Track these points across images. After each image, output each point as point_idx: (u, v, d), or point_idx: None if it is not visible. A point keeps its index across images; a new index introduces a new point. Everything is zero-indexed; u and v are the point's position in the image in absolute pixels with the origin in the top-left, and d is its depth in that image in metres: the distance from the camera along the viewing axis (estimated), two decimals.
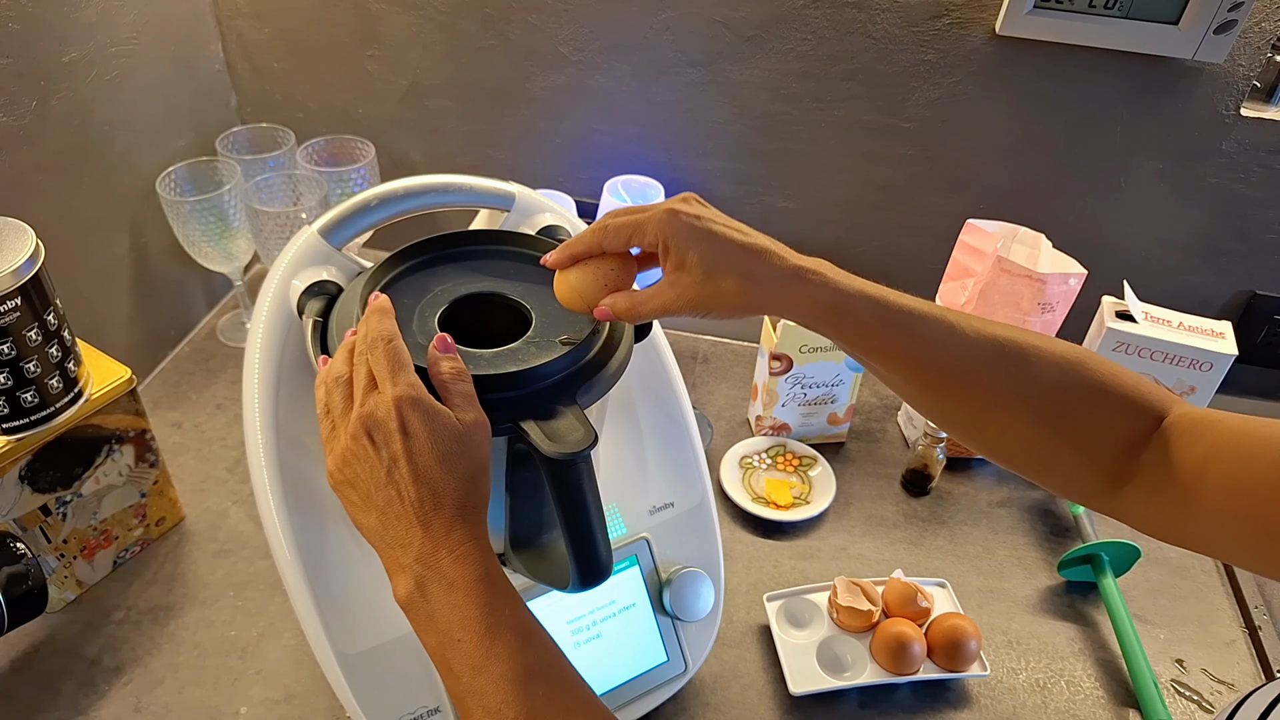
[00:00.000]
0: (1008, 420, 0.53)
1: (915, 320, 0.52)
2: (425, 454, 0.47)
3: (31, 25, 0.83)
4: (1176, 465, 0.48)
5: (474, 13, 1.04)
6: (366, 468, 0.48)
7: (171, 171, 0.98)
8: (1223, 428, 0.48)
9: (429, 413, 0.48)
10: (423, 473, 0.47)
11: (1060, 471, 0.55)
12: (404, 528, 0.47)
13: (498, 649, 0.44)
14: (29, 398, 0.71)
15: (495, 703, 0.43)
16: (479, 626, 0.45)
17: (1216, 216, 1.02)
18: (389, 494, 0.47)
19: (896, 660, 0.77)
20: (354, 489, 0.49)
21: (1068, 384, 0.52)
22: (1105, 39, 0.91)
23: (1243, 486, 0.45)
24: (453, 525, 0.47)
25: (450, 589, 0.46)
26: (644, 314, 0.54)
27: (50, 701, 0.74)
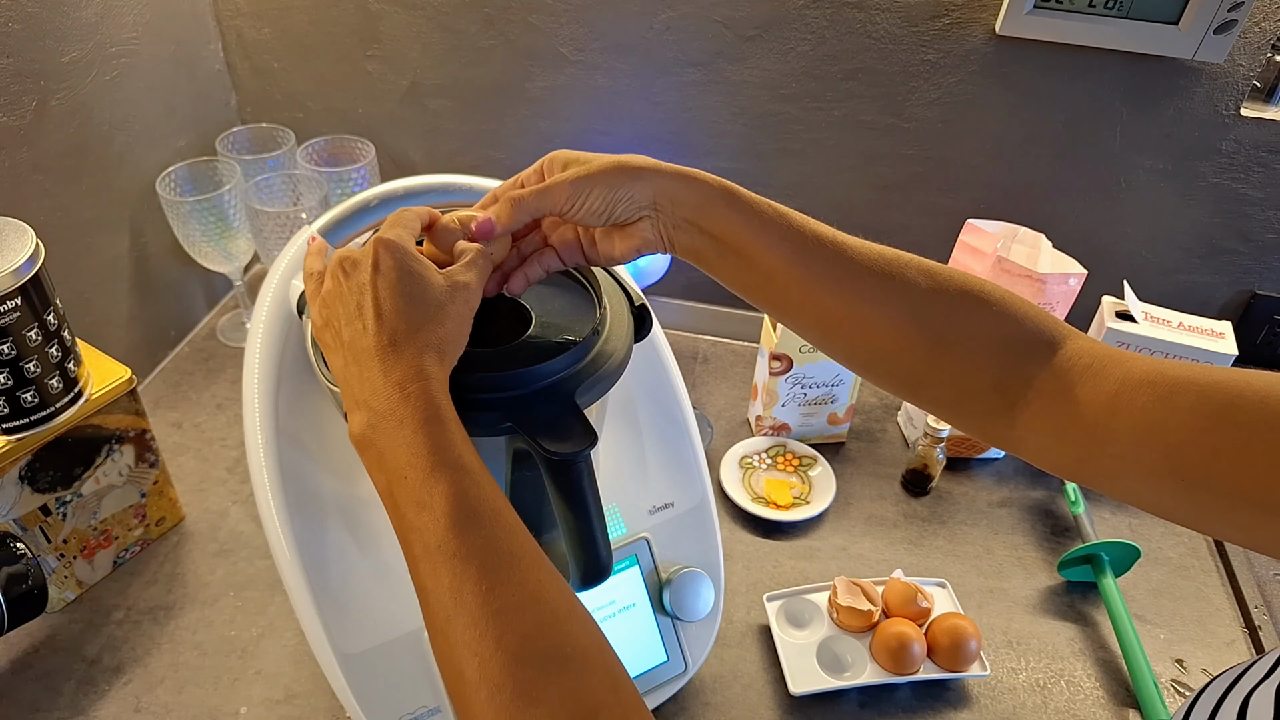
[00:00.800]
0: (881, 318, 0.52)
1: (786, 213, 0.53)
2: (391, 290, 0.47)
3: (31, 25, 0.83)
4: (1083, 400, 0.47)
5: (474, 13, 1.04)
6: (339, 305, 0.49)
7: (171, 171, 0.98)
8: (1132, 365, 0.46)
9: (405, 256, 0.48)
10: (385, 308, 0.47)
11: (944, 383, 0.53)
12: (363, 363, 0.47)
13: (441, 487, 0.43)
14: (29, 398, 0.71)
15: (434, 540, 0.42)
16: (425, 464, 0.44)
17: (1216, 216, 1.02)
18: (355, 329, 0.48)
19: (896, 660, 0.77)
20: (329, 329, 0.49)
21: (943, 286, 0.51)
22: (1105, 39, 0.91)
23: (1159, 426, 0.44)
24: (409, 364, 0.46)
25: (400, 426, 0.45)
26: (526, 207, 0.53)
27: (50, 701, 0.74)
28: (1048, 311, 0.52)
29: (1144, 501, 0.47)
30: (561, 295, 0.60)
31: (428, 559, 0.42)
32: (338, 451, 0.64)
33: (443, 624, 0.41)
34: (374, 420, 0.46)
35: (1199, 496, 0.43)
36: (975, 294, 0.51)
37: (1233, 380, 0.42)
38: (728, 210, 0.53)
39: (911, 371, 0.53)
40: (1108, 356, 0.48)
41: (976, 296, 0.51)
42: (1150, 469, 0.44)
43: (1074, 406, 0.47)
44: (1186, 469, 0.43)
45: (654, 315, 0.63)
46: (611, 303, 0.60)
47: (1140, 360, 0.47)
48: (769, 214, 0.53)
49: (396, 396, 0.45)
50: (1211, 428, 0.42)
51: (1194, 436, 0.42)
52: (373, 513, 0.64)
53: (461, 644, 0.40)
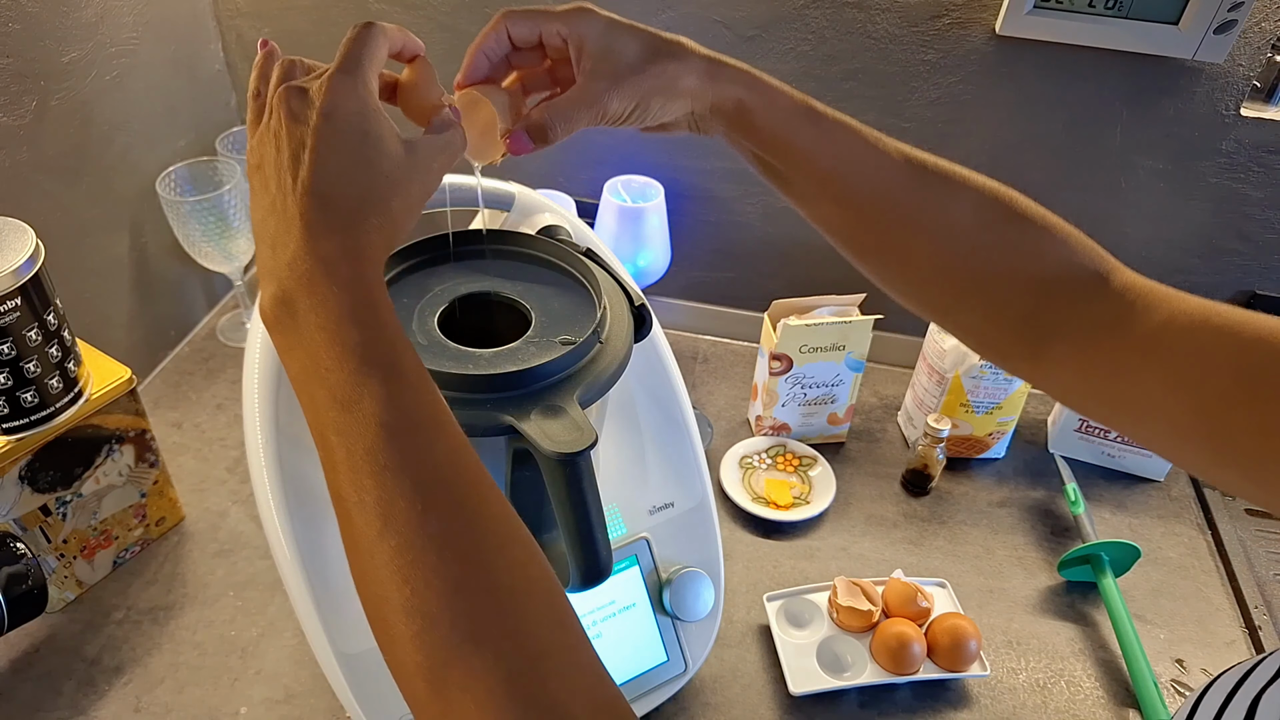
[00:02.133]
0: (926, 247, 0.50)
1: (833, 124, 0.50)
2: (338, 145, 0.40)
3: (31, 25, 0.83)
4: (1127, 332, 0.45)
5: (474, 13, 1.04)
6: (273, 147, 0.41)
7: (171, 171, 0.98)
8: (1188, 302, 0.45)
9: (363, 108, 0.41)
10: (328, 164, 0.39)
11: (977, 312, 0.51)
12: (285, 223, 0.39)
13: (372, 386, 0.37)
14: (29, 398, 0.71)
15: (360, 446, 0.37)
16: (354, 358, 0.37)
17: (1216, 216, 1.02)
18: (284, 180, 0.40)
19: (896, 660, 0.77)
20: (259, 173, 0.42)
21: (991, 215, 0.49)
22: (1105, 39, 0.91)
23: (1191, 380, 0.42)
24: (342, 238, 0.39)
25: (321, 306, 0.38)
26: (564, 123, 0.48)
27: (50, 701, 0.74)
28: (1096, 246, 0.50)
29: (1168, 452, 0.45)
30: (561, 295, 0.60)
31: (351, 467, 0.37)
32: None
33: (368, 544, 0.36)
34: (289, 296, 0.39)
35: (1226, 454, 0.42)
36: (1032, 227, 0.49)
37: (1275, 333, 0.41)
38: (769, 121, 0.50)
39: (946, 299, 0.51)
40: (1160, 291, 0.46)
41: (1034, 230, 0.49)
42: (1180, 420, 0.43)
43: (1115, 341, 0.46)
44: (1216, 424, 0.41)
45: (654, 315, 0.63)
46: (611, 303, 0.60)
47: (1193, 300, 0.45)
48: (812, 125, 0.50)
49: (320, 272, 0.38)
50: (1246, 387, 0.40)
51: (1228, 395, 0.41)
52: None
53: (390, 569, 0.35)
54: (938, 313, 0.53)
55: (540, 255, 0.63)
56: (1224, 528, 0.96)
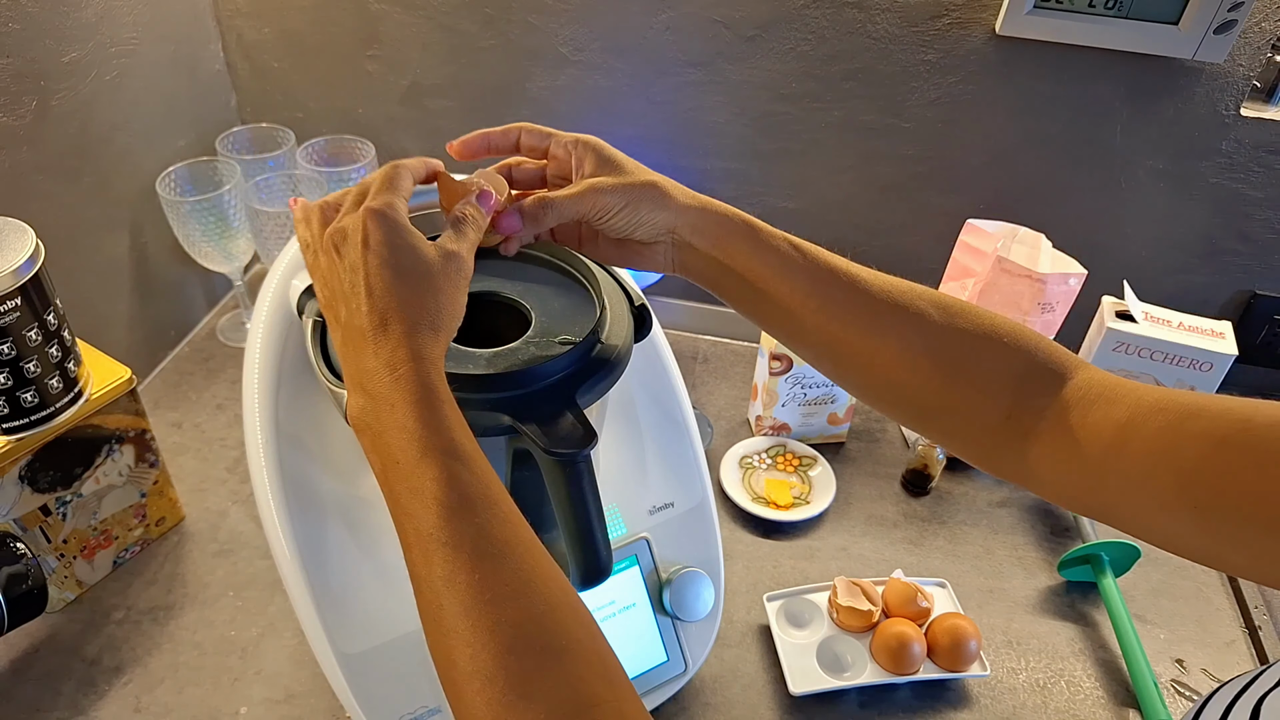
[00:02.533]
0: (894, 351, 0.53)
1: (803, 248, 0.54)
2: (380, 266, 0.46)
3: (31, 25, 0.83)
4: (1094, 429, 0.47)
5: (474, 13, 1.04)
6: (335, 281, 0.48)
7: (171, 171, 0.98)
8: (1143, 393, 0.47)
9: (394, 227, 0.47)
10: (376, 286, 0.46)
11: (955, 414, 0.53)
12: (358, 344, 0.46)
13: (432, 472, 0.42)
14: (29, 398, 0.71)
15: (426, 527, 0.41)
16: (416, 448, 0.43)
17: (1216, 216, 1.02)
18: (351, 308, 0.47)
19: (896, 660, 0.77)
20: (330, 309, 0.49)
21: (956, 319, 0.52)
22: (1105, 39, 0.91)
23: (1170, 452, 0.44)
24: (399, 344, 0.45)
25: (391, 409, 0.44)
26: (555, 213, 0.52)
27: (50, 701, 0.74)
28: (1055, 343, 0.52)
29: (1156, 533, 0.47)
30: (561, 295, 0.60)
31: (420, 546, 0.42)
32: (338, 451, 0.64)
33: (435, 612, 0.41)
34: (368, 403, 0.45)
35: (1211, 523, 0.43)
36: (986, 327, 0.52)
37: (1243, 407, 0.43)
38: (746, 245, 0.54)
39: (923, 403, 0.54)
40: (1119, 385, 0.48)
41: (987, 329, 0.52)
42: (1162, 496, 0.44)
43: (1085, 435, 0.48)
44: (1198, 494, 0.43)
45: (654, 315, 0.63)
46: (611, 303, 0.60)
47: (1150, 389, 0.47)
48: (785, 249, 0.54)
49: (388, 379, 0.44)
50: (1222, 452, 0.42)
51: (1205, 462, 0.42)
52: (373, 513, 0.64)
53: (453, 633, 0.39)
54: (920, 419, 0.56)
55: (540, 255, 0.63)
56: None
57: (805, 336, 0.55)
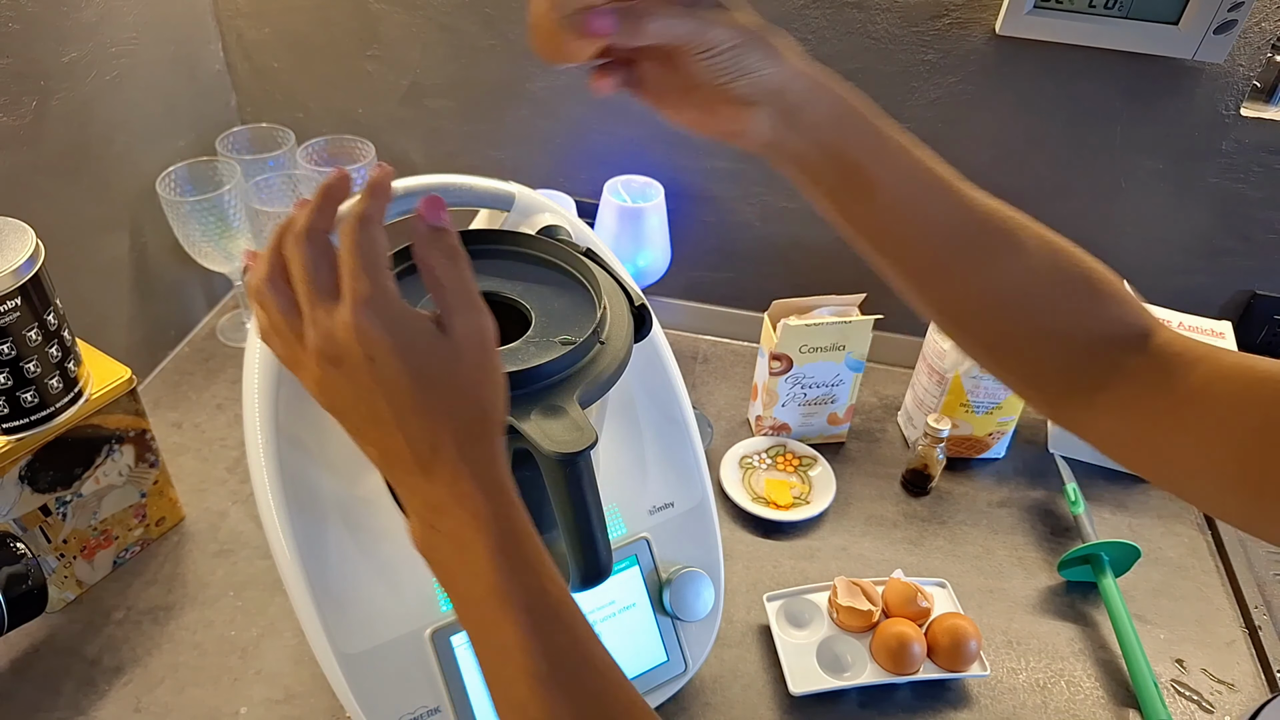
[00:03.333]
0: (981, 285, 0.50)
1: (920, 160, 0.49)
2: (400, 385, 0.38)
3: (31, 25, 0.83)
4: (1170, 387, 0.46)
5: (474, 13, 1.04)
6: (347, 399, 0.40)
7: (171, 171, 0.98)
8: (1224, 357, 0.46)
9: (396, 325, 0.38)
10: (403, 409, 0.39)
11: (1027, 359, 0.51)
12: (404, 472, 0.40)
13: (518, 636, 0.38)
14: (29, 398, 0.71)
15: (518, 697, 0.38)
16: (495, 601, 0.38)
17: (1216, 216, 1.02)
18: (380, 433, 0.40)
19: (896, 660, 0.76)
20: (344, 419, 0.42)
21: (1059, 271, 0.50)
22: (1105, 39, 0.91)
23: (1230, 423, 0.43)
24: (457, 471, 0.39)
25: (462, 550, 0.39)
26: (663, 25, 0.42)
27: (50, 701, 0.74)
28: (1140, 303, 0.51)
29: (1208, 503, 0.46)
30: (561, 295, 0.60)
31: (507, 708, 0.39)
32: (338, 451, 0.64)
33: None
34: (433, 534, 0.40)
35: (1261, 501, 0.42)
36: (1087, 281, 0.50)
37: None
38: (858, 134, 0.48)
39: (997, 340, 0.51)
40: (1199, 347, 0.47)
41: (1087, 284, 0.50)
42: (1217, 467, 0.44)
43: (1159, 395, 0.47)
44: (1251, 469, 0.42)
45: (654, 315, 0.63)
46: (611, 303, 0.60)
47: (1230, 354, 0.46)
48: (903, 149, 0.48)
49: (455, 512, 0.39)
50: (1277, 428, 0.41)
51: (1261, 436, 0.41)
52: (373, 513, 0.64)
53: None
54: (988, 354, 0.53)
55: (540, 255, 0.63)
56: (1224, 528, 0.96)
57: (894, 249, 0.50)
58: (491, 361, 0.42)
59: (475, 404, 0.41)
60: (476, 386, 0.41)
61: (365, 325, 0.38)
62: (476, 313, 0.41)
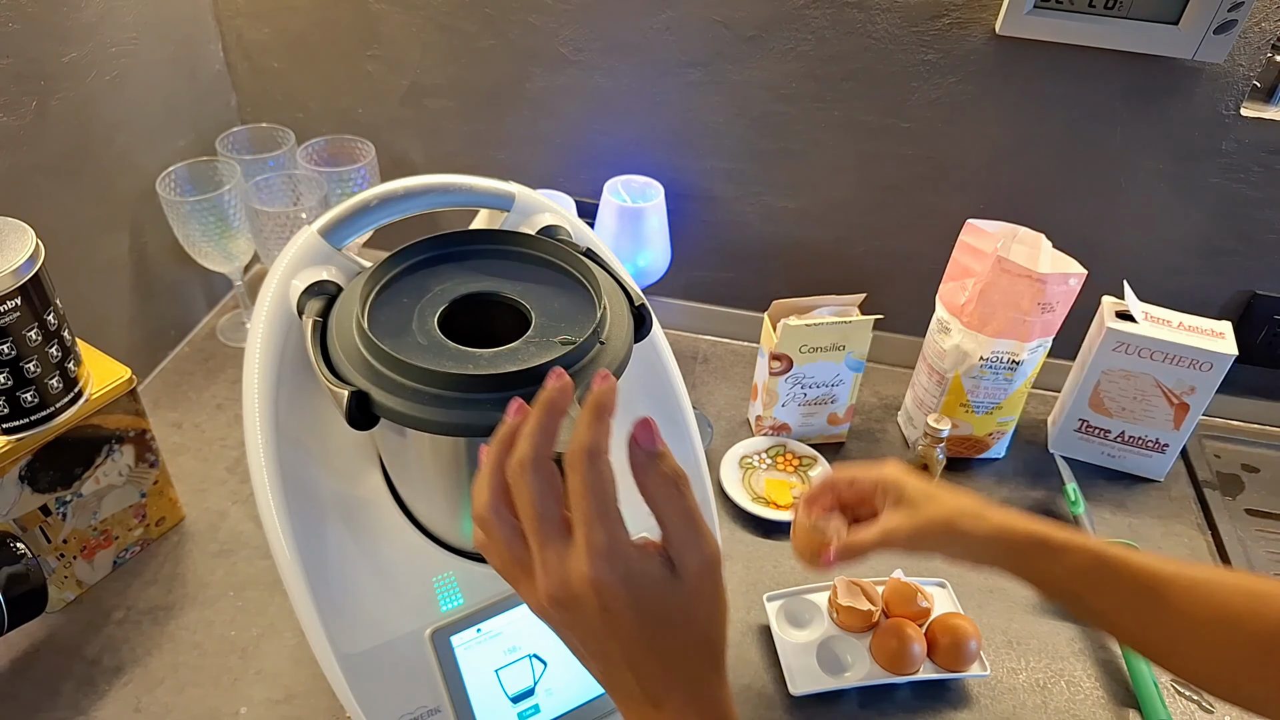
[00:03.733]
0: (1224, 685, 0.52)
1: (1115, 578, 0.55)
2: (638, 639, 0.39)
3: (31, 25, 0.83)
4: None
5: (474, 13, 1.04)
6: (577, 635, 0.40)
7: (171, 171, 0.98)
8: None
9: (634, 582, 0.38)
10: (637, 657, 0.39)
11: None
12: (632, 703, 0.40)
13: None
14: (29, 398, 0.71)
15: None
16: None
17: (1216, 216, 1.02)
18: (608, 667, 0.40)
19: (896, 660, 0.76)
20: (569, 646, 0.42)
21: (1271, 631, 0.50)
22: (1105, 39, 0.91)
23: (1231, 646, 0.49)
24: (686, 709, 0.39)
25: None
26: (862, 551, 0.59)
27: (50, 701, 0.74)
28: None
29: None
30: (561, 295, 0.60)
31: None
32: (338, 451, 0.64)
33: None
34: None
35: None
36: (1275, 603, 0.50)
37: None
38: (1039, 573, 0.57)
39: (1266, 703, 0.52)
40: None
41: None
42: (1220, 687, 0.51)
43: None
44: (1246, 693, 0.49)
45: (654, 315, 0.63)
46: (611, 303, 0.60)
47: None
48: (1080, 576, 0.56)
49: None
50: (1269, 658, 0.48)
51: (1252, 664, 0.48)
52: (373, 513, 0.64)
53: None
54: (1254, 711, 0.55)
55: (540, 255, 0.63)
56: (1224, 528, 0.96)
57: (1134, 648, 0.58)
58: (721, 593, 0.41)
59: (706, 641, 0.41)
60: (708, 622, 0.41)
61: (602, 579, 0.38)
62: (706, 543, 0.40)
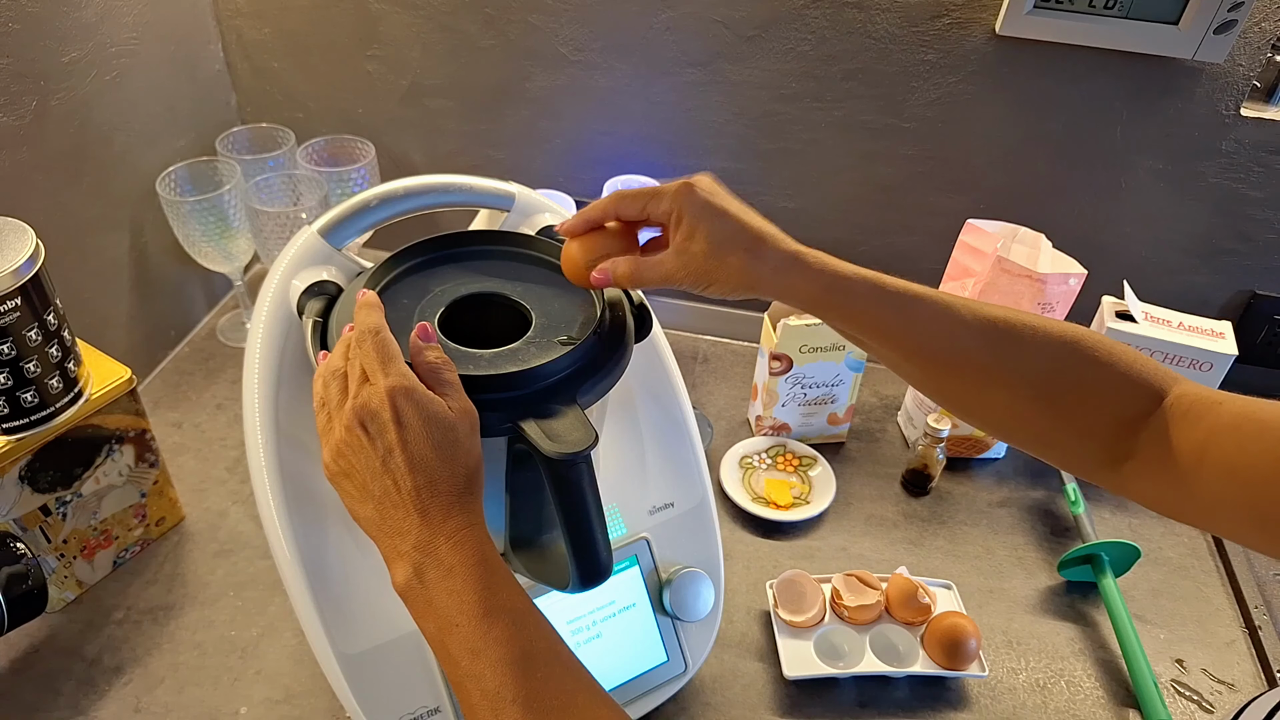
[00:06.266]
0: (1004, 398, 0.55)
1: (909, 301, 0.54)
2: (420, 442, 0.47)
3: (31, 25, 0.83)
4: (1176, 447, 0.49)
5: (474, 13, 1.04)
6: (362, 458, 0.48)
7: (171, 171, 0.98)
8: (1222, 410, 0.48)
9: (422, 402, 0.48)
10: (418, 461, 0.47)
11: (1059, 448, 0.56)
12: (401, 516, 0.47)
13: (495, 633, 0.45)
14: (29, 398, 0.71)
15: (493, 686, 0.44)
16: (476, 611, 0.45)
17: (1216, 216, 1.02)
18: (385, 484, 0.48)
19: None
20: (350, 480, 0.49)
21: (1063, 363, 0.53)
22: (1105, 39, 0.91)
23: (1240, 471, 0.46)
24: (450, 512, 0.47)
25: (448, 575, 0.46)
26: (645, 279, 0.55)
27: (50, 701, 0.74)
28: (1154, 361, 0.53)
29: (1240, 539, 0.50)
30: (561, 295, 0.60)
31: (487, 705, 0.44)
32: None
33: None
34: (420, 571, 0.46)
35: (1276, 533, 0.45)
36: (1092, 362, 0.53)
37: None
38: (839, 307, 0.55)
39: (1030, 437, 0.57)
40: (1203, 401, 0.50)
41: (1093, 364, 0.53)
42: (1237, 512, 0.47)
43: (1169, 455, 0.50)
44: (1264, 508, 0.44)
45: (654, 315, 0.63)
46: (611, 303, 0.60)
47: (1232, 403, 0.48)
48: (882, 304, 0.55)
49: (443, 546, 0.46)
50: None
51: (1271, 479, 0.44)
52: None
53: None
54: (1025, 445, 0.58)
55: (540, 255, 0.63)
56: None
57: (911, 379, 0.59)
58: (477, 439, 0.50)
59: (466, 471, 0.48)
60: (468, 456, 0.49)
61: (398, 395, 0.48)
62: (465, 400, 0.50)
